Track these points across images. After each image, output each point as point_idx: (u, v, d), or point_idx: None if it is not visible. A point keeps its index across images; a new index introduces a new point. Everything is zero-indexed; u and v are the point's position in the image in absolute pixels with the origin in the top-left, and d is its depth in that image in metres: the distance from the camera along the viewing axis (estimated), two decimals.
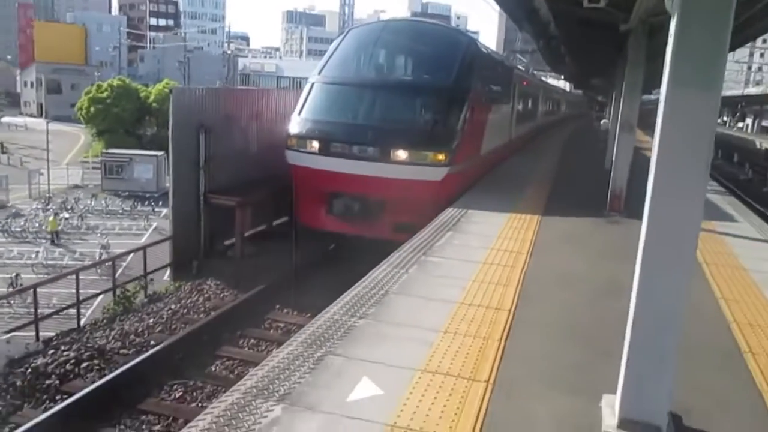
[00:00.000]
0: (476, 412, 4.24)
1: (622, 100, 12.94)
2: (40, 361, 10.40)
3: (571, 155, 23.14)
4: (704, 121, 3.61)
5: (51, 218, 26.29)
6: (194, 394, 9.51)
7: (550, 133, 33.55)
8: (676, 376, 3.89)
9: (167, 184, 18.43)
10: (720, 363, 5.37)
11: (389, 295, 6.46)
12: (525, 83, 23.34)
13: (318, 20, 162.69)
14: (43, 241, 25.02)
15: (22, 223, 27.33)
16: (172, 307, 13.12)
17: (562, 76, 46.16)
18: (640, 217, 3.87)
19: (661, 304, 3.76)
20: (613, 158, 12.32)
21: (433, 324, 5.74)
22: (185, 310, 12.91)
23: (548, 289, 7.03)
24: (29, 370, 9.99)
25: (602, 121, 39.96)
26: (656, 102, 3.76)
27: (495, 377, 4.78)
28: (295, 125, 13.59)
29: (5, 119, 62.10)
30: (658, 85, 3.76)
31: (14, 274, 19.44)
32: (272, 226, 17.74)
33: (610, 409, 4.09)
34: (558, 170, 17.91)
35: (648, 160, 3.79)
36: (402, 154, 12.38)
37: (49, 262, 22.08)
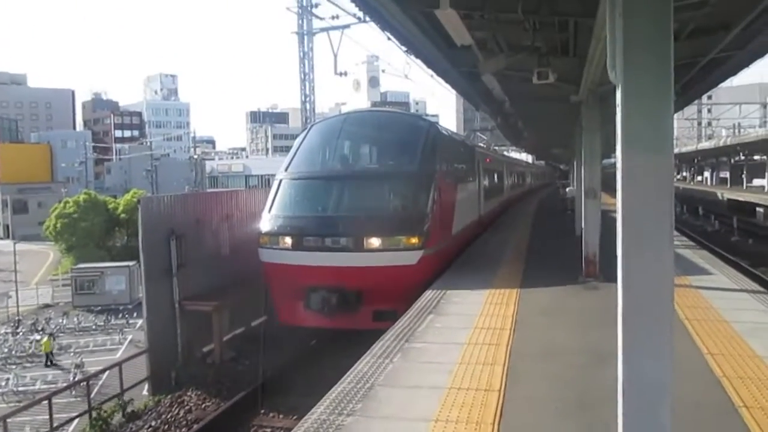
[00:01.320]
0: None
1: (583, 167, 13.30)
2: None
3: (541, 225, 23.45)
4: (661, 181, 3.69)
5: (45, 340, 25.41)
6: None
7: (518, 206, 34.11)
8: None
9: (140, 295, 18.09)
10: (716, 420, 5.26)
11: (375, 387, 6.28)
12: (488, 160, 23.91)
13: (281, 118, 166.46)
14: (13, 366, 24.04)
15: None
16: (152, 424, 12.57)
17: (523, 150, 47.58)
18: (616, 279, 3.87)
19: (649, 367, 3.70)
20: (582, 224, 12.51)
21: (423, 414, 5.56)
22: (166, 426, 12.37)
23: (535, 365, 6.91)
24: None
25: (567, 189, 40.84)
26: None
27: None
28: (266, 223, 13.61)
29: None
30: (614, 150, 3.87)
31: None
32: (251, 327, 17.37)
33: None
34: (530, 241, 18.08)
35: (615, 222, 3.84)
36: (375, 242, 12.41)
37: (21, 389, 21.13)
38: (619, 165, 3.76)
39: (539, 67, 9.47)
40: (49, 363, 24.09)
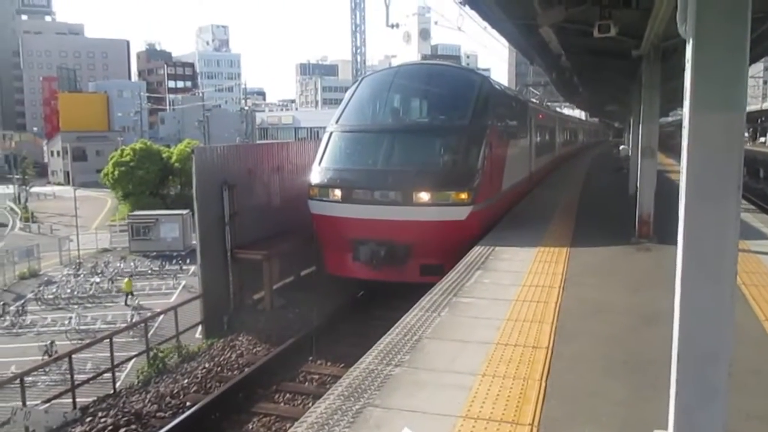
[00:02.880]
0: None
1: (640, 125, 12.88)
2: (78, 429, 10.39)
3: (594, 183, 22.98)
4: (731, 141, 3.54)
5: (126, 280, 26.74)
6: None
7: (570, 163, 33.43)
8: (728, 405, 3.74)
9: (194, 242, 18.63)
10: None
11: (423, 340, 6.37)
12: (541, 116, 23.40)
13: (331, 70, 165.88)
14: (75, 306, 25.30)
15: (54, 290, 27.71)
16: (206, 365, 13.06)
17: (577, 106, 46.26)
18: (670, 241, 3.79)
19: (706, 332, 3.63)
20: (638, 184, 12.20)
21: (470, 367, 5.63)
22: (219, 368, 12.84)
23: (585, 323, 6.88)
24: None
25: (621, 147, 39.73)
26: (674, 124, 3.73)
27: (539, 419, 4.64)
28: (315, 175, 13.73)
29: (34, 189, 63.72)
30: (676, 107, 3.73)
31: (49, 342, 19.62)
32: (300, 276, 17.75)
33: None
34: (581, 200, 17.76)
35: (672, 182, 3.74)
36: (424, 196, 12.40)
37: (83, 327, 22.28)
38: (686, 123, 3.62)
39: (600, 20, 9.11)
40: (127, 302, 25.38)
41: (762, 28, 10.37)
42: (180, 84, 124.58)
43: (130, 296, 25.86)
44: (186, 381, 12.36)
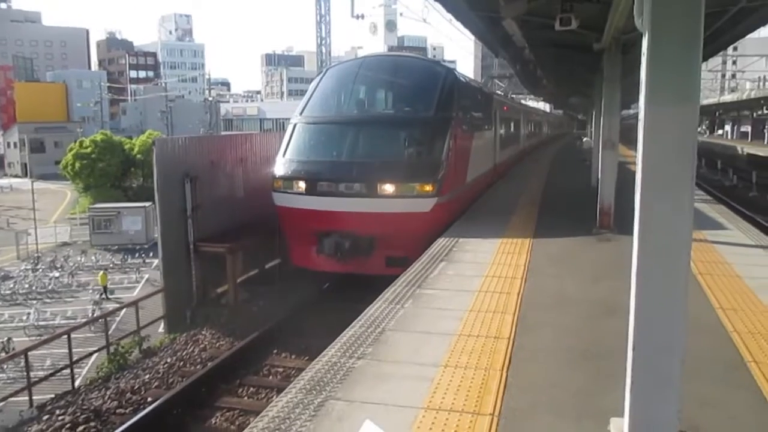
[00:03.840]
0: None
1: (602, 117, 13.07)
2: (34, 428, 10.14)
3: (557, 175, 23.28)
4: (685, 134, 3.60)
5: (101, 274, 26.05)
6: None
7: (534, 155, 33.81)
8: (682, 392, 3.82)
9: (156, 235, 18.31)
10: (725, 375, 5.29)
11: (386, 332, 6.37)
12: (505, 108, 23.57)
13: (297, 61, 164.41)
14: (34, 302, 24.67)
15: (11, 286, 26.97)
16: (168, 360, 12.88)
17: (542, 98, 46.78)
18: (630, 231, 3.84)
19: (660, 324, 3.70)
20: (599, 175, 12.38)
21: (432, 359, 5.65)
22: (181, 363, 12.67)
23: (546, 314, 6.96)
24: None
25: (584, 140, 40.36)
26: (635, 116, 3.77)
27: (500, 410, 4.68)
28: (279, 167, 13.61)
29: None
30: (637, 100, 3.77)
31: (6, 339, 19.09)
32: (264, 269, 17.60)
33: None
34: (545, 192, 17.98)
35: (632, 174, 3.78)
36: (389, 188, 12.39)
37: (41, 323, 21.74)
38: (641, 115, 3.67)
39: (562, 13, 9.20)
40: (106, 296, 24.74)
41: (718, 23, 10.60)
42: (142, 74, 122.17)
43: (104, 290, 25.15)
44: (147, 376, 12.16)
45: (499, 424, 4.46)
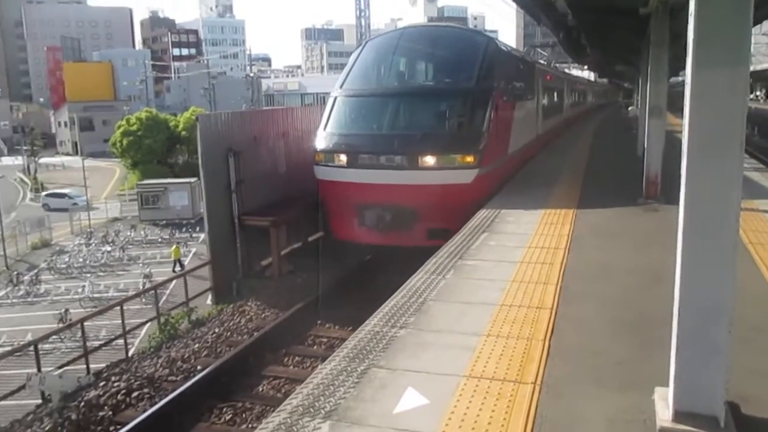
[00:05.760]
0: (525, 414, 4.17)
1: (648, 85, 12.71)
2: (92, 393, 10.63)
3: (602, 145, 22.79)
4: (734, 98, 3.49)
5: (174, 247, 26.78)
6: (243, 415, 9.59)
7: (578, 125, 33.13)
8: (732, 363, 3.77)
9: (202, 210, 18.72)
10: None
11: (428, 302, 6.42)
12: (548, 77, 23.10)
13: (336, 35, 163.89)
14: (88, 275, 25.60)
15: (66, 260, 28.03)
16: (216, 330, 13.27)
17: (586, 66, 45.58)
18: (678, 201, 3.76)
19: (707, 292, 3.64)
20: (645, 144, 12.09)
21: (474, 328, 5.68)
22: (229, 333, 13.05)
23: (589, 284, 6.90)
24: (83, 404, 10.21)
25: (629, 108, 39.31)
26: (683, 83, 3.64)
27: (542, 378, 4.69)
28: (321, 140, 13.69)
29: (43, 160, 63.92)
30: (684, 67, 3.65)
31: (63, 310, 19.93)
32: (307, 242, 17.84)
33: (664, 402, 3.98)
34: (589, 162, 17.65)
35: (681, 143, 3.69)
36: (430, 160, 12.36)
37: (95, 295, 22.59)
38: (688, 80, 3.57)
39: None
40: (181, 267, 24.80)
41: None
42: (185, 51, 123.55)
43: (177, 262, 25.63)
44: (197, 346, 12.58)
45: (541, 392, 4.48)
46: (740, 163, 3.59)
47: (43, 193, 45.18)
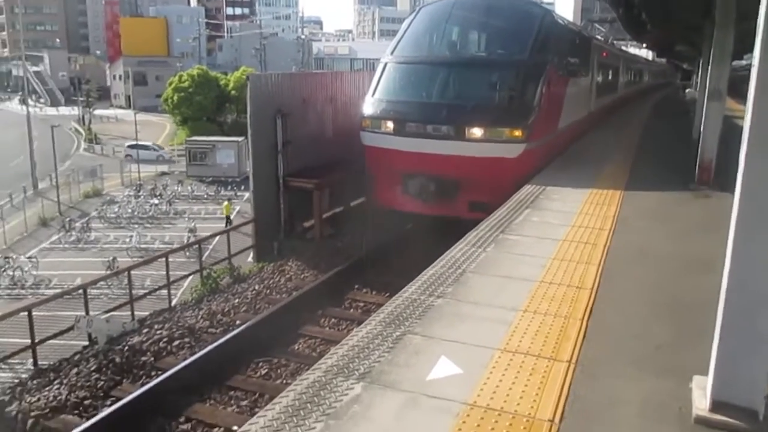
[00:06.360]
0: (558, 392, 4.17)
1: (710, 66, 12.23)
2: (136, 339, 11.03)
3: (656, 127, 22.15)
4: None
5: (225, 203, 27.28)
6: (278, 371, 9.82)
7: (632, 105, 32.20)
8: None
9: (248, 169, 18.99)
10: None
11: (467, 274, 6.43)
12: (604, 54, 22.42)
13: (390, 0, 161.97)
14: (136, 226, 26.38)
15: (116, 210, 28.92)
16: (256, 287, 13.56)
17: (644, 45, 44.05)
18: (731, 189, 3.65)
19: (757, 281, 3.55)
20: (701, 128, 11.70)
21: (512, 303, 5.68)
22: (268, 291, 13.32)
23: (632, 267, 6.80)
24: (126, 348, 10.62)
25: (687, 90, 37.96)
26: (748, 68, 3.49)
27: (577, 357, 4.68)
28: (369, 106, 13.65)
29: (97, 111, 65.56)
30: (750, 50, 3.50)
31: (111, 258, 20.66)
32: (350, 207, 17.96)
33: (702, 391, 3.93)
34: (641, 143, 17.20)
35: (739, 129, 3.57)
36: (477, 132, 12.22)
37: (142, 246, 23.31)
38: (755, 62, 3.42)
39: None
40: (230, 224, 24.87)
41: None
42: (238, 11, 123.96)
43: (228, 219, 25.91)
44: (237, 301, 12.89)
45: (575, 371, 4.47)
46: None
47: (126, 144, 45.11)
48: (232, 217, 26.67)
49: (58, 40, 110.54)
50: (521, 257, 7.02)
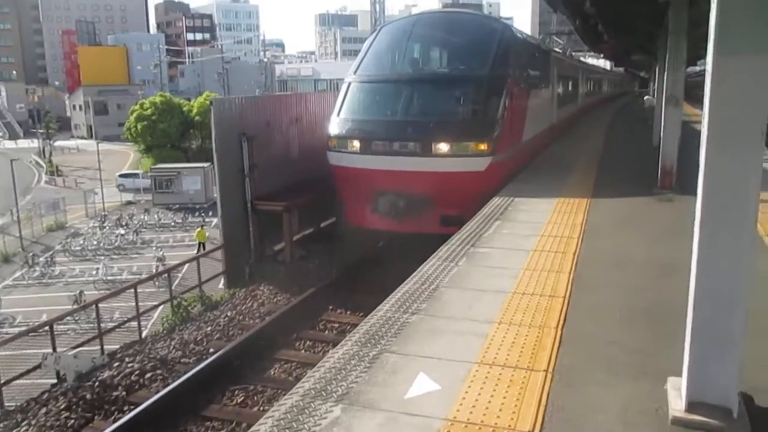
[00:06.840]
0: (537, 401, 4.17)
1: (666, 73, 12.56)
2: (106, 373, 10.75)
3: (617, 135, 22.61)
4: (756, 86, 3.42)
5: (198, 230, 26.82)
6: (255, 398, 9.67)
7: (593, 114, 32.86)
8: (747, 355, 3.74)
9: (215, 194, 18.82)
10: None
11: (440, 289, 6.42)
12: (564, 65, 22.89)
13: (350, 21, 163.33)
14: (102, 258, 25.85)
15: (81, 242, 28.32)
16: (228, 314, 13.37)
17: (602, 55, 45.11)
18: (693, 192, 3.72)
19: (723, 283, 3.61)
20: (661, 134, 11.97)
21: (486, 315, 5.68)
22: (241, 317, 13.14)
23: (603, 274, 6.87)
24: (97, 383, 10.34)
25: (645, 98, 38.90)
26: (702, 73, 3.60)
27: (554, 366, 4.68)
28: (334, 126, 13.67)
29: (58, 143, 64.44)
30: (703, 56, 3.60)
31: (78, 292, 20.17)
32: (320, 228, 17.89)
33: (677, 392, 3.97)
34: (604, 151, 17.52)
35: (697, 133, 3.65)
36: (444, 147, 12.31)
37: (109, 278, 22.83)
38: (709, 66, 3.51)
39: None
40: (203, 250, 23.89)
41: None
42: (199, 36, 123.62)
43: (201, 246, 25.40)
44: (209, 329, 12.69)
45: (553, 380, 4.48)
46: (761, 153, 3.54)
47: (117, 174, 46.30)
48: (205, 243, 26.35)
49: (14, 72, 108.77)
50: (493, 269, 7.05)
